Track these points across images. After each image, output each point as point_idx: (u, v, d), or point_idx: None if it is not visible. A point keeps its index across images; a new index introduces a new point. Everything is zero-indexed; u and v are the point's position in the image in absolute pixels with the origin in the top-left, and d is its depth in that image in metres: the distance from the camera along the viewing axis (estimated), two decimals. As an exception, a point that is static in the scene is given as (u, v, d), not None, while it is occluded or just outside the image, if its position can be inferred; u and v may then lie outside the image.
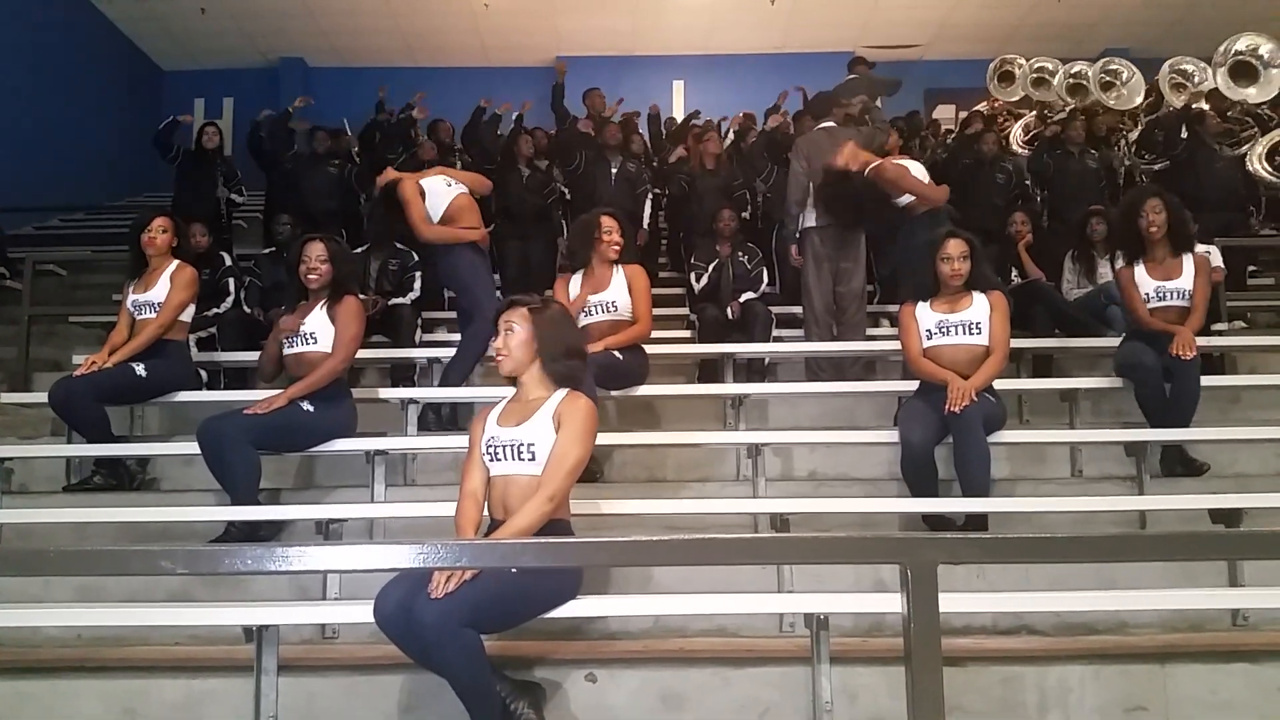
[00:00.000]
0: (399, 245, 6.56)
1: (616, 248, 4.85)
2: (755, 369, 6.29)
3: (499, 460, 3.25)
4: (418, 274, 6.32)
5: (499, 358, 3.31)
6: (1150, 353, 4.79)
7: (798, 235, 6.34)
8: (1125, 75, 9.55)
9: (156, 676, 3.42)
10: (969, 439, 4.21)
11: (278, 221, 7.37)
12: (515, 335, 3.28)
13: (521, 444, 3.21)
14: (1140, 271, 5.00)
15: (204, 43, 13.98)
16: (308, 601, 3.96)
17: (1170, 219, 4.93)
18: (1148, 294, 4.96)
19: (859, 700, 3.34)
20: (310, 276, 4.53)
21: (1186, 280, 4.92)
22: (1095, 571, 3.94)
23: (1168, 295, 4.93)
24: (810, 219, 6.31)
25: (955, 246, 4.50)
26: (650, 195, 7.97)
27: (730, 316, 6.33)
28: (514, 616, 3.15)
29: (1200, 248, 5.21)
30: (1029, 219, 7.02)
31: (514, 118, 9.41)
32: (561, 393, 3.29)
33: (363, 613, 3.70)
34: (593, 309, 4.86)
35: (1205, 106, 8.56)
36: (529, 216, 7.61)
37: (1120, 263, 6.03)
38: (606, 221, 4.87)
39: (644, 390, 5.10)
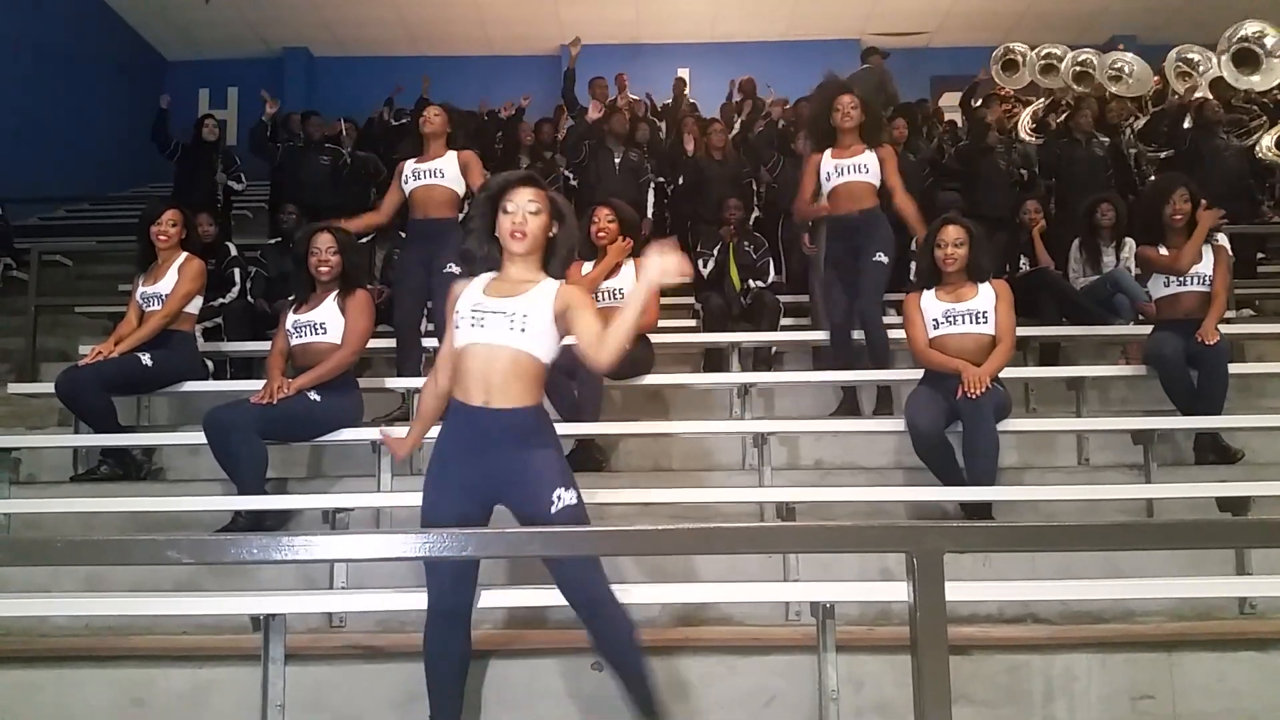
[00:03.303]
0: (403, 235, 6.55)
1: (602, 235, 4.89)
2: (761, 358, 6.28)
3: (481, 327, 2.91)
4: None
5: (515, 236, 2.93)
6: (1172, 342, 4.80)
7: (810, 223, 6.33)
8: (1129, 68, 9.51)
9: (164, 665, 3.42)
10: (980, 427, 4.20)
11: (283, 211, 7.36)
12: (539, 219, 2.97)
13: (515, 314, 2.90)
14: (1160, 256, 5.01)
15: (208, 33, 13.96)
16: (314, 590, 3.97)
17: (1194, 209, 4.97)
18: (1167, 279, 4.99)
19: (865, 689, 3.34)
20: (322, 269, 4.52)
21: (1205, 267, 4.95)
22: (1102, 560, 3.94)
23: (1188, 281, 4.96)
24: None
25: (951, 232, 4.50)
26: (653, 185, 7.95)
27: (744, 301, 6.32)
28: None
29: None
30: (1041, 206, 6.98)
31: (515, 108, 9.38)
32: (554, 282, 3.00)
33: (370, 601, 3.73)
34: (600, 295, 4.87)
35: (1208, 95, 8.51)
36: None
37: (1127, 251, 6.05)
38: (599, 211, 4.93)
39: (649, 379, 5.09)
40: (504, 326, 2.89)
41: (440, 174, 5.43)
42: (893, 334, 5.34)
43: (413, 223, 5.50)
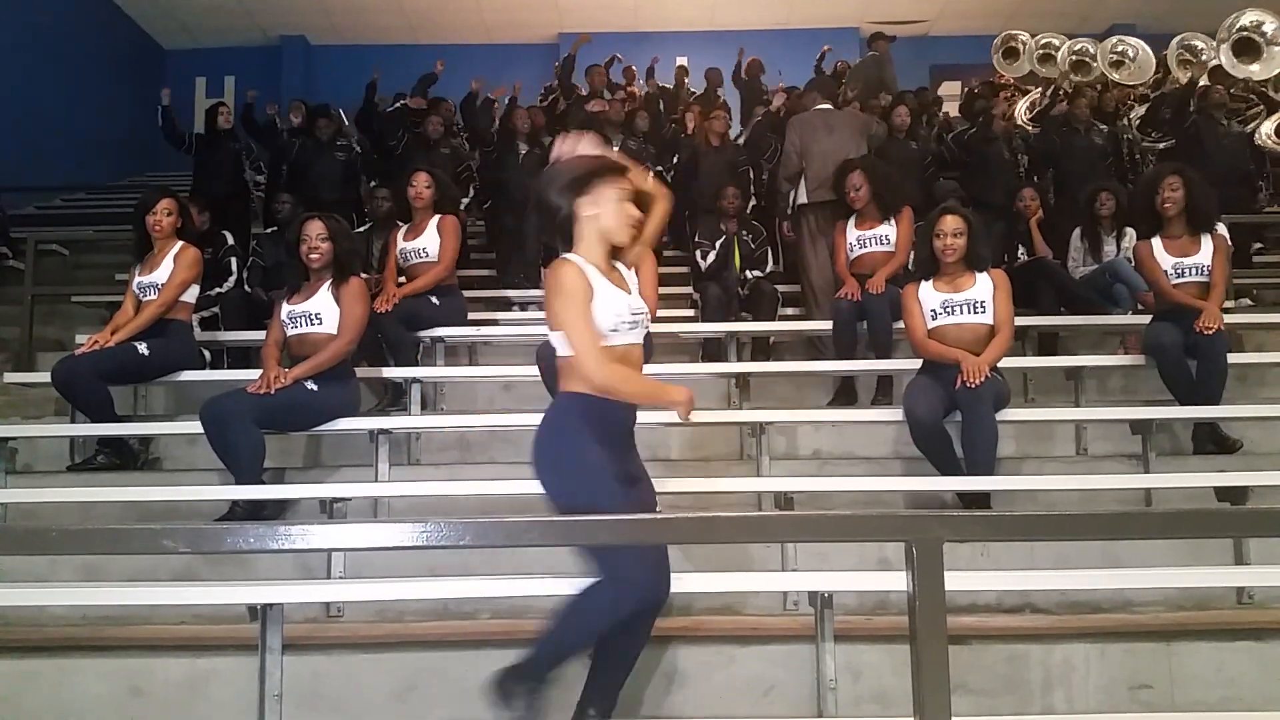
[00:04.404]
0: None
1: None
2: (759, 348, 6.28)
3: (635, 329, 2.93)
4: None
5: (633, 226, 2.92)
6: (1171, 331, 4.79)
7: (789, 211, 6.42)
8: (1133, 53, 9.48)
9: (161, 655, 3.42)
10: (979, 417, 4.20)
11: (278, 200, 7.34)
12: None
13: (643, 313, 2.99)
14: (1158, 247, 4.99)
15: (205, 21, 13.92)
16: (312, 580, 3.97)
17: (1189, 197, 4.92)
18: (1165, 270, 4.96)
19: (863, 678, 3.34)
20: (312, 256, 4.50)
21: (1204, 257, 4.91)
22: (1100, 550, 3.93)
23: (1186, 271, 4.93)
24: (804, 196, 6.34)
25: (949, 222, 4.49)
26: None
27: (743, 292, 6.33)
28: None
29: None
30: (1038, 195, 6.97)
31: (506, 100, 9.34)
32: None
33: (368, 591, 3.73)
34: None
35: (1208, 82, 8.49)
36: (526, 195, 7.57)
37: (1128, 240, 6.04)
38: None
39: (647, 369, 5.06)
40: (641, 327, 2.96)
41: (425, 253, 5.58)
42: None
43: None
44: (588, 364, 2.77)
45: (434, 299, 5.52)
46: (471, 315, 6.14)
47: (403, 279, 5.62)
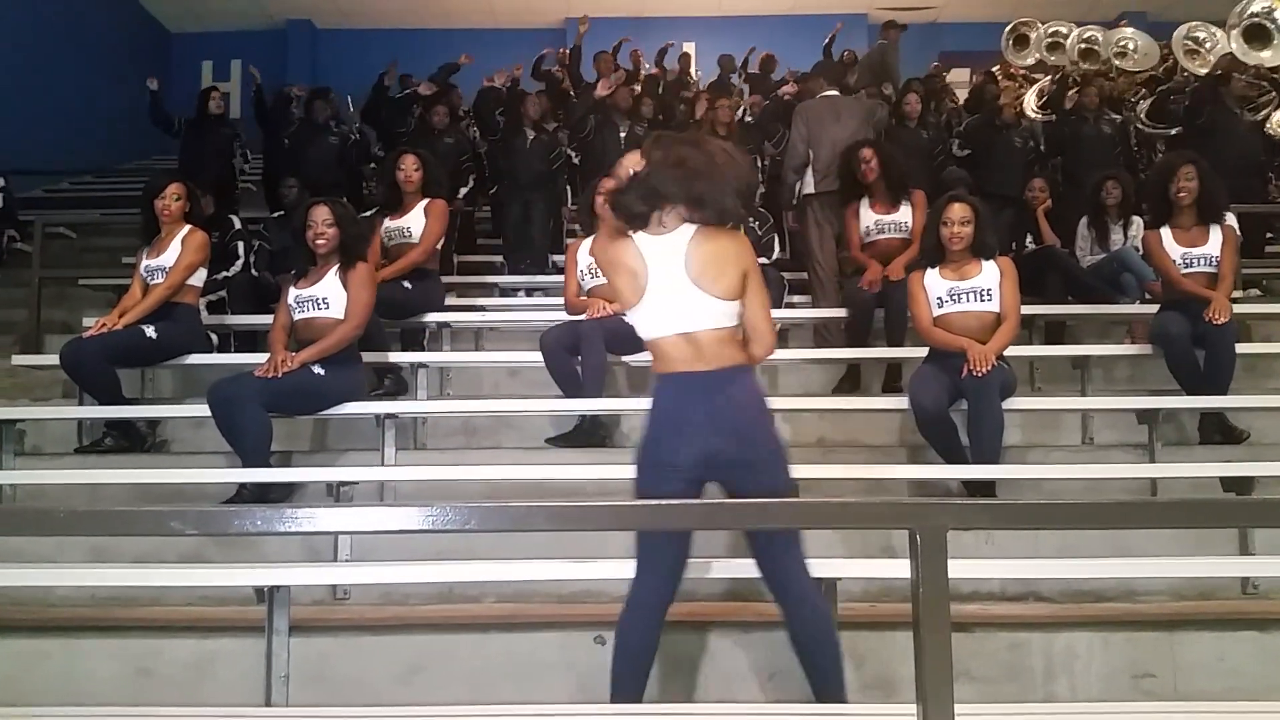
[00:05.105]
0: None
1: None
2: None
3: None
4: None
5: None
6: (1179, 321, 4.78)
7: (794, 202, 6.40)
8: (1134, 44, 9.43)
9: (169, 636, 3.45)
10: (985, 405, 4.20)
11: (284, 185, 7.34)
12: None
13: None
14: (1167, 237, 4.98)
15: (211, 4, 13.90)
16: (318, 563, 3.98)
17: (1202, 188, 4.90)
18: (1174, 260, 4.95)
19: (866, 665, 3.35)
20: (318, 241, 4.51)
21: (1213, 247, 4.91)
22: (1105, 539, 3.94)
23: (1194, 261, 4.92)
24: (810, 185, 6.32)
25: (956, 210, 4.47)
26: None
27: None
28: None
29: None
30: (1047, 185, 6.94)
31: (504, 86, 9.28)
32: None
33: (374, 574, 3.75)
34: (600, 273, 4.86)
35: (1222, 70, 8.43)
36: (532, 181, 7.57)
37: (1135, 229, 6.02)
38: (605, 184, 4.90)
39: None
40: None
41: (409, 233, 5.49)
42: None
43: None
44: (774, 333, 2.94)
45: (405, 283, 5.40)
46: (478, 300, 6.15)
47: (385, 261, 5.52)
